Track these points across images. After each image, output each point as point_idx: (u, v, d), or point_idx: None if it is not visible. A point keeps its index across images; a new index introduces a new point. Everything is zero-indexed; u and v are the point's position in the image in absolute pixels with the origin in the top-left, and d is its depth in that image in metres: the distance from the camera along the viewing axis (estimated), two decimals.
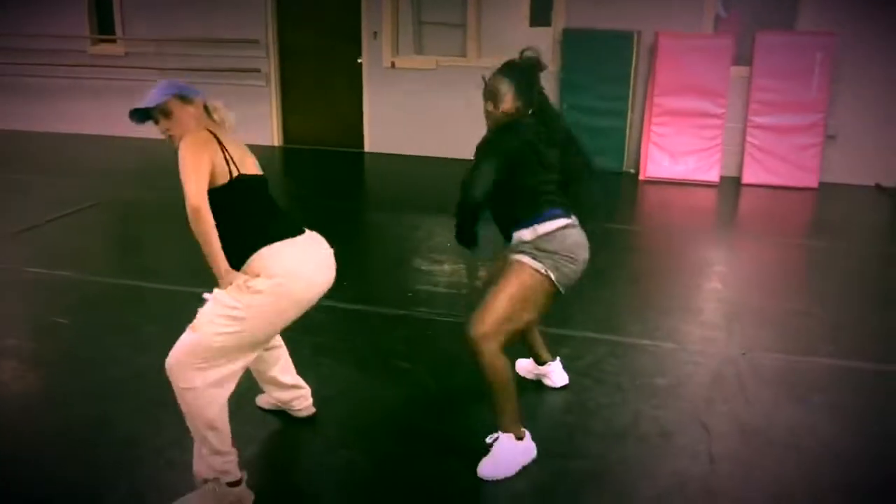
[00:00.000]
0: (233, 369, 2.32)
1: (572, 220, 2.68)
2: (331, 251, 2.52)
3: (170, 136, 2.42)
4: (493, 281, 2.68)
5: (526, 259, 2.59)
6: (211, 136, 2.36)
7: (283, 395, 2.86)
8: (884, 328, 3.94)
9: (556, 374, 3.17)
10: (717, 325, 3.93)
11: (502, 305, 2.53)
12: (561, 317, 3.70)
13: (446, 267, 4.76)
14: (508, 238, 2.70)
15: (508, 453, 2.59)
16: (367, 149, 8.49)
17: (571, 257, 2.59)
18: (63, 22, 8.83)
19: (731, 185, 7.22)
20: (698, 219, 6.46)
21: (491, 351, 2.49)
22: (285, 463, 2.79)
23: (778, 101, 7.13)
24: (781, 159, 7.17)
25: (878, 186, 7.12)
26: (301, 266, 2.36)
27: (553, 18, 7.69)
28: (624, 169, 7.61)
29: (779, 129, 7.17)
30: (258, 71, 8.41)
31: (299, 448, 2.84)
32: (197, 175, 2.24)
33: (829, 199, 6.86)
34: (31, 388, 3.21)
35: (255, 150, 2.59)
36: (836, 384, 3.27)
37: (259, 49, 8.37)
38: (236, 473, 2.36)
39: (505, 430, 2.59)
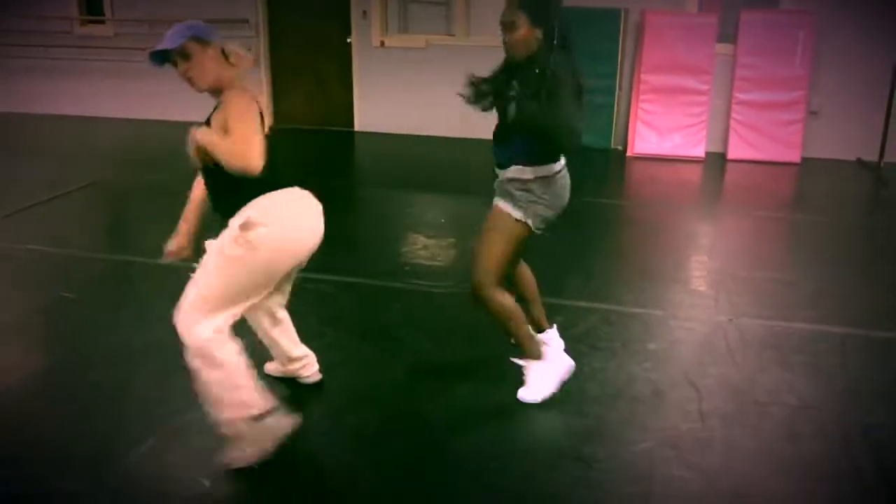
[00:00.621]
0: (233, 313, 2.36)
1: (563, 161, 2.81)
2: (319, 206, 2.54)
3: (189, 79, 2.38)
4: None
5: (509, 208, 2.74)
6: (254, 100, 2.34)
7: (292, 365, 2.96)
8: (860, 296, 4.11)
9: (553, 342, 3.29)
10: (705, 293, 4.08)
11: (495, 255, 2.76)
12: (555, 287, 3.83)
13: (440, 241, 4.88)
14: (502, 165, 2.77)
15: (539, 376, 2.90)
16: (357, 128, 8.55)
17: (556, 204, 2.76)
18: (51, 2, 8.78)
19: (717, 161, 7.37)
20: (685, 193, 6.60)
21: (494, 293, 2.78)
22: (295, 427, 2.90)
23: (761, 78, 7.27)
24: (765, 135, 7.32)
25: (859, 161, 7.29)
26: (294, 217, 2.42)
27: None
28: (612, 146, 7.73)
29: (762, 106, 7.31)
30: (248, 51, 8.40)
31: (308, 413, 2.93)
32: (259, 136, 2.23)
33: (811, 174, 7.03)
34: (47, 357, 3.31)
35: None
36: (816, 347, 3.44)
37: (249, 29, 8.39)
38: (259, 405, 2.33)
39: (528, 357, 2.90)
